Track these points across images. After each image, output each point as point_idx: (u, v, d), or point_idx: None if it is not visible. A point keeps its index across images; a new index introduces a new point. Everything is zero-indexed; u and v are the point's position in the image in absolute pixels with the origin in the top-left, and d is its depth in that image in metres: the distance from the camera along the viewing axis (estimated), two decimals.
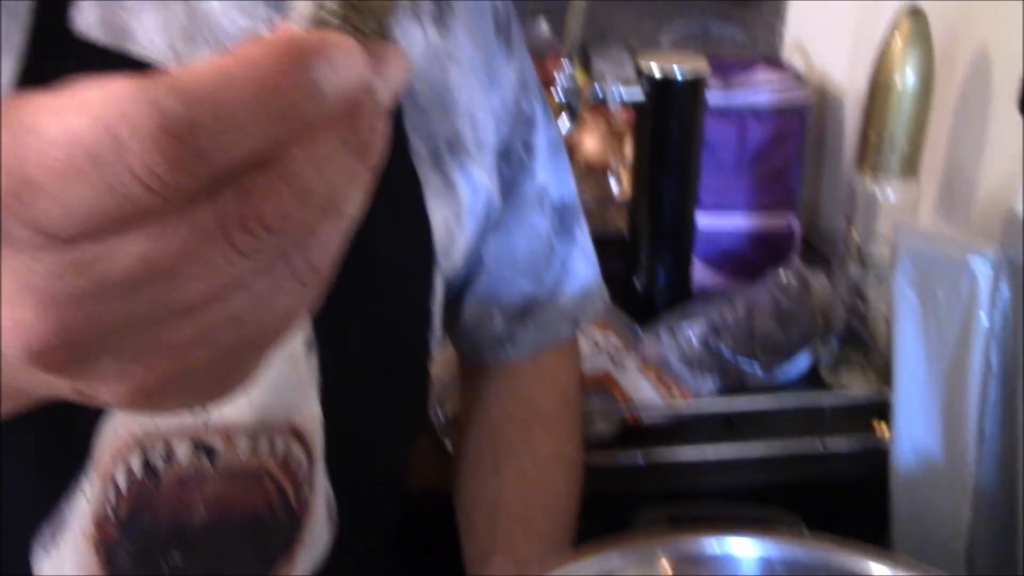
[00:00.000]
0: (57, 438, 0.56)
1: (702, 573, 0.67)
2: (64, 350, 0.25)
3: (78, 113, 0.23)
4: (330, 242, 0.27)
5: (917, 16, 0.97)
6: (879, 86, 0.99)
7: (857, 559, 0.66)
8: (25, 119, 0.24)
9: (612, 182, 1.64)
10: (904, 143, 1.00)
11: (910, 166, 1.01)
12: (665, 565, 0.66)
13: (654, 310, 1.19)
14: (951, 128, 1.08)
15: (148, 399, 0.27)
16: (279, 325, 0.28)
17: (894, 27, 0.98)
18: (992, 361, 0.87)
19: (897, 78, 0.98)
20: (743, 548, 0.67)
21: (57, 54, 0.53)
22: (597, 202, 1.61)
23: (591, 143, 1.79)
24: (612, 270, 1.23)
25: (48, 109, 0.24)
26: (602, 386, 1.03)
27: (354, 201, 0.27)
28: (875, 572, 0.65)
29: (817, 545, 0.67)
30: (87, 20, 0.54)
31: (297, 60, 0.24)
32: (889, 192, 1.02)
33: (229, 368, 0.28)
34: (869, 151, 1.02)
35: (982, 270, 0.85)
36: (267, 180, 0.25)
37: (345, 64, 0.25)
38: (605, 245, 1.27)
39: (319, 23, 0.27)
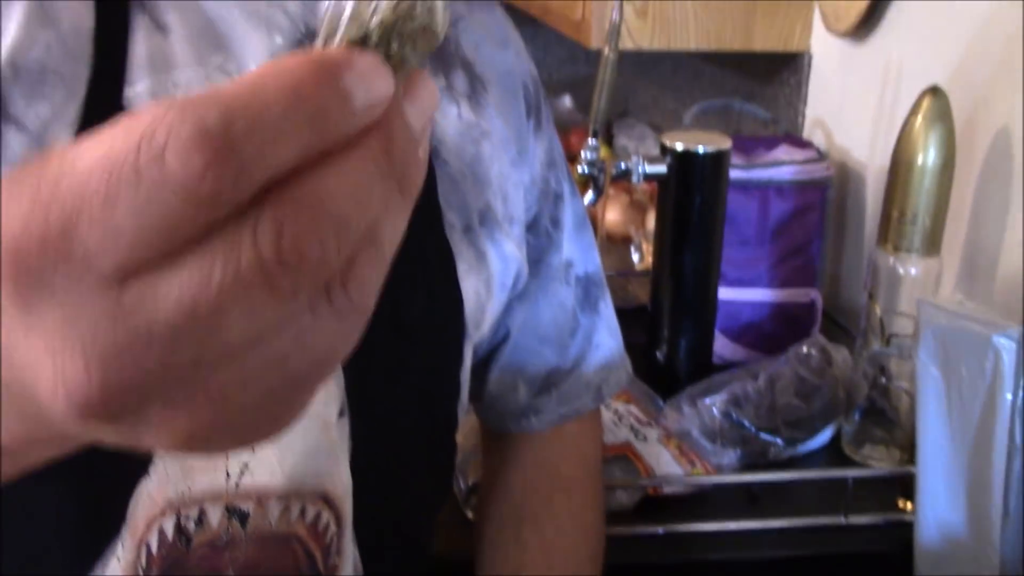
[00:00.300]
0: (93, 503, 0.56)
1: None
2: (109, 405, 0.25)
3: (117, 136, 0.24)
4: (370, 274, 0.27)
5: (938, 95, 0.99)
6: (901, 164, 1.01)
7: None
8: (57, 164, 0.24)
9: (634, 253, 1.66)
10: (926, 220, 1.01)
11: (932, 242, 1.02)
12: None
13: (676, 382, 1.19)
14: (973, 205, 1.10)
15: (195, 444, 0.27)
16: (322, 363, 0.28)
17: (915, 106, 1.00)
18: (1017, 436, 0.87)
19: (919, 156, 0.99)
20: None
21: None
22: (619, 273, 1.62)
23: (613, 215, 1.81)
24: (634, 341, 1.24)
25: (82, 146, 0.24)
26: (624, 457, 1.03)
27: (393, 231, 0.27)
28: None
29: None
30: (138, 93, 0.56)
31: (328, 70, 0.25)
32: (911, 268, 1.02)
33: (275, 408, 0.28)
34: (891, 227, 1.03)
35: (1007, 348, 0.86)
36: (304, 211, 0.25)
37: (374, 78, 0.26)
38: (626, 316, 1.28)
39: (353, 45, 0.27)
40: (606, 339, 0.84)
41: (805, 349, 1.16)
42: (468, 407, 0.81)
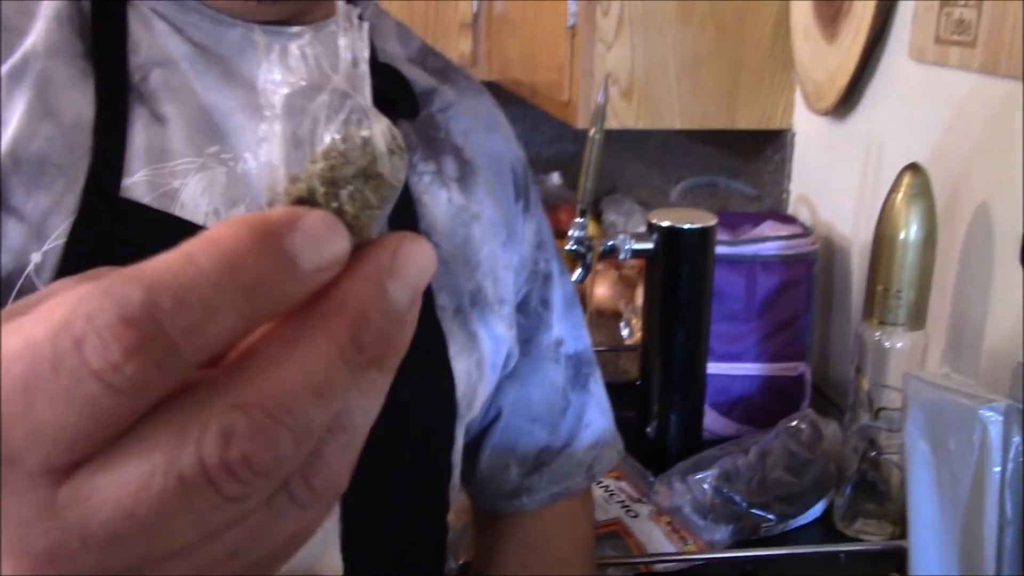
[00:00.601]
0: None
1: None
2: None
3: (37, 322, 0.22)
4: (338, 463, 0.25)
5: (917, 172, 1.01)
6: (883, 239, 1.02)
7: None
8: None
9: (623, 328, 1.67)
10: (910, 294, 1.02)
11: (917, 316, 1.03)
12: None
13: (666, 457, 1.19)
14: (956, 280, 1.11)
15: None
16: (282, 551, 0.26)
17: (896, 183, 1.02)
18: (1007, 509, 0.88)
19: (901, 231, 1.01)
20: None
21: (107, 216, 0.56)
22: (609, 348, 1.63)
23: (603, 290, 1.83)
24: (624, 416, 1.24)
25: (9, 329, 0.22)
26: (615, 534, 1.03)
27: (367, 412, 0.25)
28: None
29: None
30: (135, 183, 0.58)
31: (267, 233, 0.23)
32: (897, 342, 1.03)
33: None
34: (876, 302, 1.04)
35: (993, 421, 0.86)
36: (255, 418, 0.22)
37: (324, 237, 0.23)
38: (617, 391, 1.28)
39: (299, 204, 0.25)
40: (597, 417, 0.84)
41: (795, 423, 1.16)
42: (459, 487, 0.81)
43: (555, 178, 2.64)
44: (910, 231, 1.01)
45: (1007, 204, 1.02)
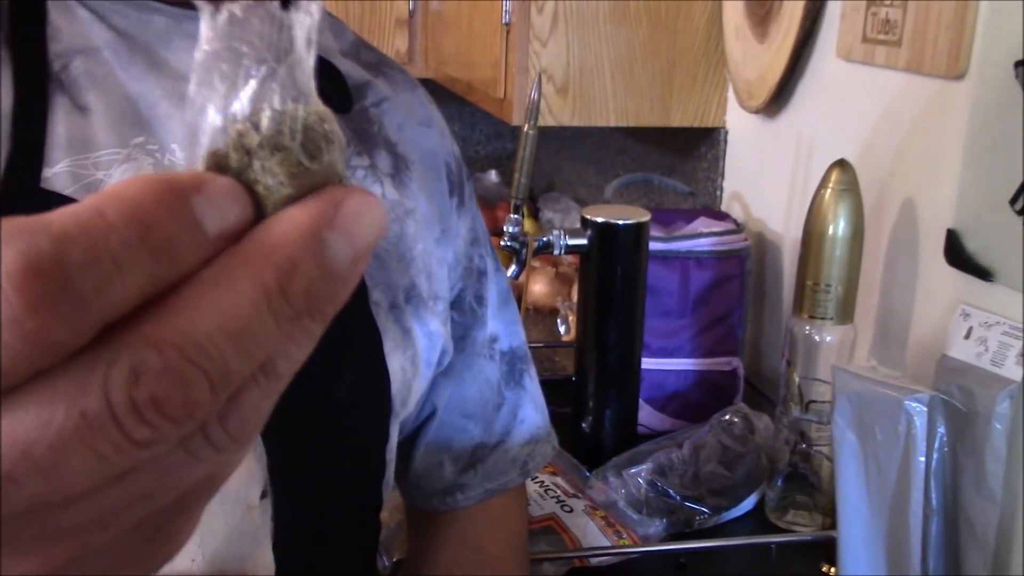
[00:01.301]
0: None
1: None
2: None
3: None
4: (257, 407, 0.24)
5: (845, 168, 1.03)
6: (812, 234, 1.04)
7: None
8: None
9: (560, 325, 1.67)
10: (839, 288, 1.04)
11: (845, 310, 1.05)
12: None
13: (602, 452, 1.20)
14: (883, 274, 1.13)
15: None
16: (196, 493, 0.25)
17: (824, 179, 1.04)
18: (932, 499, 0.90)
19: (829, 227, 1.03)
20: None
21: (26, 207, 0.55)
22: (546, 344, 1.63)
23: (540, 287, 1.83)
24: (560, 413, 1.25)
25: None
26: (550, 529, 1.03)
27: (293, 360, 0.24)
28: None
29: None
30: (57, 174, 0.56)
31: (172, 192, 0.22)
32: (826, 336, 1.05)
33: (152, 538, 0.25)
34: (806, 296, 1.06)
35: (918, 412, 0.88)
36: (166, 355, 0.22)
37: (225, 200, 0.23)
38: (553, 388, 1.28)
39: (214, 169, 0.24)
40: (531, 414, 0.85)
41: (728, 417, 1.18)
42: (393, 484, 0.81)
43: (492, 175, 2.64)
44: (838, 226, 1.02)
45: (933, 200, 1.04)
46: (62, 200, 0.56)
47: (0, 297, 0.20)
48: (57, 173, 0.56)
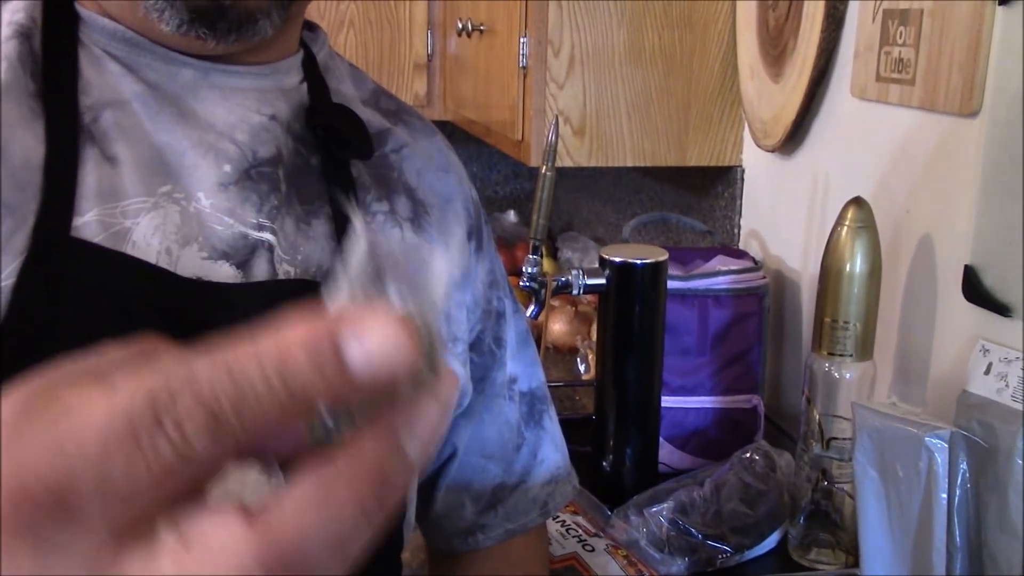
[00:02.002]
0: None
1: None
2: None
3: (126, 392, 0.25)
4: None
5: (860, 206, 1.03)
6: (829, 272, 1.05)
7: None
8: (64, 408, 0.25)
9: (580, 364, 1.68)
10: (857, 325, 1.04)
11: (864, 347, 1.05)
12: None
13: (622, 491, 1.20)
14: (902, 311, 1.13)
15: None
16: None
17: (840, 216, 1.04)
18: (956, 536, 0.89)
19: (846, 264, 1.03)
20: None
21: (57, 256, 0.56)
22: (566, 384, 1.64)
23: (559, 326, 1.84)
24: (581, 452, 1.25)
25: (91, 395, 0.25)
26: (572, 569, 1.03)
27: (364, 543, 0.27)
28: None
29: None
30: (86, 223, 0.58)
31: (324, 343, 0.26)
32: (846, 373, 1.05)
33: None
34: (824, 334, 1.06)
35: (939, 448, 0.88)
36: (271, 567, 0.25)
37: (382, 345, 0.26)
38: (573, 427, 1.29)
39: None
40: (551, 454, 0.85)
41: (749, 455, 1.18)
42: (414, 525, 0.82)
43: (511, 216, 2.66)
44: (855, 263, 1.03)
45: (949, 237, 1.05)
46: (91, 248, 0.57)
47: (174, 422, 0.24)
48: (87, 222, 0.58)
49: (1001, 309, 0.94)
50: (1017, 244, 0.91)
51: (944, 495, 0.88)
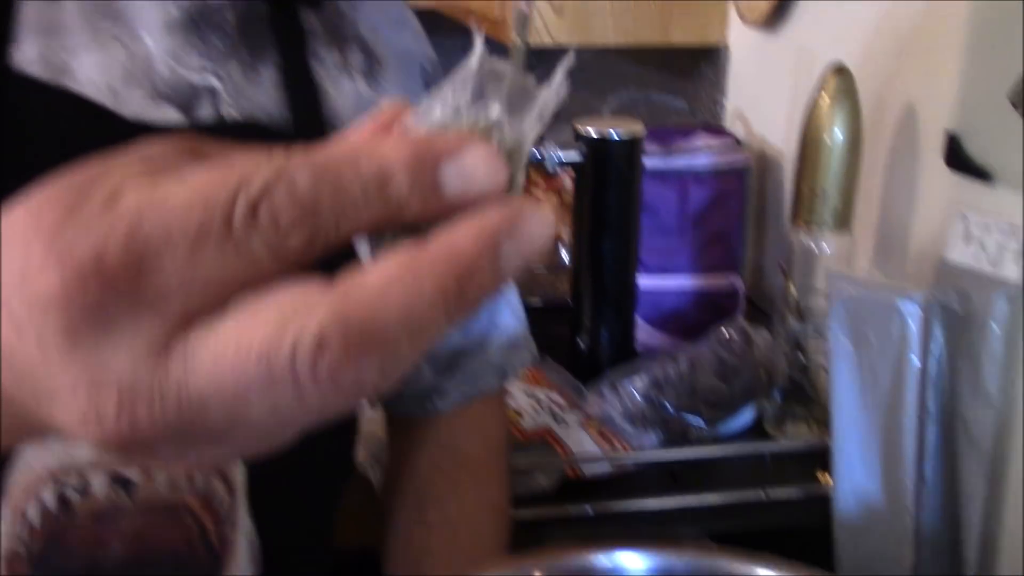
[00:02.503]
0: None
1: None
2: (130, 449, 0.25)
3: (210, 180, 0.24)
4: (396, 373, 0.26)
5: (842, 74, 1.00)
6: (809, 142, 1.02)
7: (746, 565, 0.68)
8: (136, 192, 0.24)
9: (562, 251, 1.66)
10: (836, 197, 1.02)
11: (843, 219, 1.03)
12: None
13: (599, 371, 1.19)
14: (882, 181, 1.11)
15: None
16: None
17: (821, 85, 1.01)
18: (928, 404, 0.88)
19: (826, 134, 1.00)
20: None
21: None
22: (547, 270, 1.62)
23: None
24: (560, 335, 1.24)
25: (167, 182, 0.24)
26: (543, 441, 1.02)
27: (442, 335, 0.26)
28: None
29: (702, 554, 0.68)
30: (27, 57, 0.56)
31: (424, 161, 0.26)
32: (824, 245, 1.03)
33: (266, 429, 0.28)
34: (803, 205, 1.04)
35: (911, 312, 0.86)
36: (351, 339, 0.24)
37: (477, 173, 0.26)
38: (554, 313, 1.27)
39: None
40: (509, 320, 0.84)
41: (726, 332, 1.16)
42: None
43: None
44: (834, 133, 1.00)
45: (932, 105, 1.02)
46: (31, 81, 0.56)
47: (268, 216, 0.24)
48: (28, 57, 0.56)
49: (982, 174, 0.92)
50: (1000, 108, 0.88)
51: (916, 358, 0.87)
